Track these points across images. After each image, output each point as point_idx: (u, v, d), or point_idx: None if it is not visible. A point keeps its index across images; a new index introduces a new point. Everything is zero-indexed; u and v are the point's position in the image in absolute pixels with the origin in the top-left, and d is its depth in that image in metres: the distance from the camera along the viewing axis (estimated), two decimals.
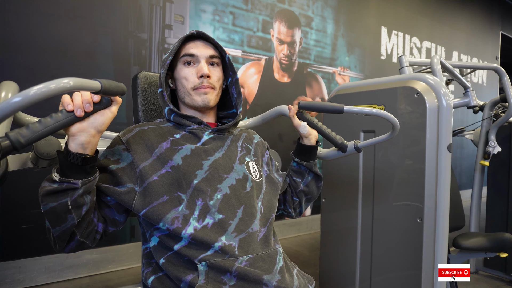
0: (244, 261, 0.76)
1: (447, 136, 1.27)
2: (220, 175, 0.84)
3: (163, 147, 0.83)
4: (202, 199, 0.80)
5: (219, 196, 0.81)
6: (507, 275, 2.20)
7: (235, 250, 0.77)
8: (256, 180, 0.91)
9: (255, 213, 0.85)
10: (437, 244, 1.28)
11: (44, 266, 1.98)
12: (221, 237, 0.77)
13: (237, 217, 0.81)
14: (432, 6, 4.54)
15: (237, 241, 0.78)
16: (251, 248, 0.79)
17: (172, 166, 0.81)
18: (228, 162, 0.88)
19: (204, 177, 0.82)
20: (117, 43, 2.20)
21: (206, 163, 0.84)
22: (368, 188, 1.49)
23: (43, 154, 1.08)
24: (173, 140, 0.86)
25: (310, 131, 1.05)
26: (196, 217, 0.78)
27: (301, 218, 3.20)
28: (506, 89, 1.97)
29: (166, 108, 0.91)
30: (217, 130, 0.92)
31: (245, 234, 0.80)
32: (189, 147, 0.85)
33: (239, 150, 0.94)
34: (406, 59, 1.84)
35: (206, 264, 0.74)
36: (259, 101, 2.89)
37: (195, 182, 0.80)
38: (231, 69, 1.00)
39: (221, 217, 0.79)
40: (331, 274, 1.67)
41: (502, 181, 2.25)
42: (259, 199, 0.89)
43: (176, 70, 0.94)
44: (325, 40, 3.35)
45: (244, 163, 0.91)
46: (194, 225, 0.77)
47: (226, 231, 0.78)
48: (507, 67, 2.60)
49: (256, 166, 0.95)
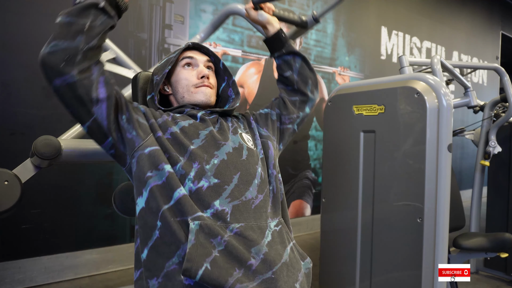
0: (235, 228, 0.77)
1: (447, 136, 1.27)
2: (218, 142, 0.88)
3: (164, 118, 0.89)
4: (198, 162, 0.82)
5: (216, 161, 0.84)
6: (507, 275, 2.20)
7: (227, 216, 0.78)
8: (252, 148, 0.93)
9: (251, 180, 0.86)
10: (437, 244, 1.27)
11: (44, 266, 1.98)
12: (214, 202, 0.79)
13: (233, 183, 0.82)
14: (432, 6, 4.53)
15: (230, 207, 0.79)
16: (242, 217, 0.80)
17: (171, 133, 0.86)
18: (223, 133, 0.91)
19: (201, 145, 0.86)
20: (117, 43, 2.19)
21: (203, 133, 0.88)
22: (368, 188, 1.49)
23: (43, 154, 1.08)
24: (173, 116, 0.92)
25: (268, 17, 1.07)
26: (191, 178, 0.80)
27: (301, 218, 3.20)
28: (507, 89, 1.97)
29: (158, 110, 0.96)
30: (210, 112, 0.97)
31: (238, 202, 0.81)
32: (187, 121, 0.90)
33: (230, 125, 0.97)
34: (406, 59, 1.84)
35: (198, 223, 0.74)
36: (259, 101, 2.88)
37: (191, 147, 0.84)
38: (227, 73, 1.06)
39: (217, 181, 0.81)
40: (331, 274, 1.67)
41: (502, 181, 2.25)
42: (258, 165, 0.90)
43: (175, 74, 0.99)
44: (325, 40, 3.34)
45: (237, 133, 0.94)
46: (189, 186, 0.79)
47: (221, 195, 0.80)
48: (507, 67, 2.60)
49: (249, 136, 0.97)
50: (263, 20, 1.06)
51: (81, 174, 2.10)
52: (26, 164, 1.08)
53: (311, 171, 3.30)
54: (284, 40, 1.07)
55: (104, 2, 0.75)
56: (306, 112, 1.10)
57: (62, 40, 0.71)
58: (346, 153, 1.58)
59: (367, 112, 1.49)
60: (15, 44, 1.89)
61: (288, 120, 1.07)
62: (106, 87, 0.78)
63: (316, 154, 3.33)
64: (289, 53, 1.07)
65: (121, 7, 0.80)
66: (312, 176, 3.31)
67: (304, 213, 3.24)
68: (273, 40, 1.07)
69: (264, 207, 0.85)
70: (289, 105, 1.07)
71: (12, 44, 1.88)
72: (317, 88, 1.11)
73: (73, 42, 0.71)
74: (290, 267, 0.80)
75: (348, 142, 1.56)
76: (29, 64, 1.92)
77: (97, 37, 0.75)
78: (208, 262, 0.71)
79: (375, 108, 1.46)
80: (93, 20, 0.74)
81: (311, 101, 1.10)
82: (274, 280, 0.75)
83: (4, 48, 1.87)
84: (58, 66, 0.71)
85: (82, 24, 0.73)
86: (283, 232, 0.86)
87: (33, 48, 1.93)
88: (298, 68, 1.07)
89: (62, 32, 0.72)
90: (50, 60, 0.71)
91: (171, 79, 1.00)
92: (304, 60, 1.08)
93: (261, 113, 1.08)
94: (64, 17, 0.73)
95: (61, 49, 0.71)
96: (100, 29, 0.76)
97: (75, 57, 0.72)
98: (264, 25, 1.07)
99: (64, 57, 0.71)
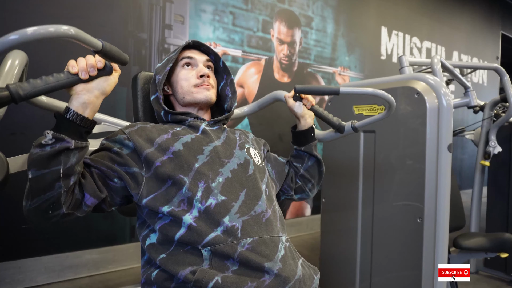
0: (246, 244, 0.76)
1: (447, 136, 1.27)
2: (221, 160, 0.86)
3: (164, 138, 0.86)
4: (204, 181, 0.81)
5: (220, 179, 0.83)
6: (507, 275, 2.19)
7: (238, 232, 0.77)
8: (258, 164, 0.93)
9: (260, 194, 0.85)
10: (437, 244, 1.27)
11: (44, 266, 1.98)
12: (224, 219, 0.78)
13: (240, 200, 0.82)
14: (432, 6, 4.53)
15: (240, 222, 0.78)
16: (254, 231, 0.79)
17: (173, 152, 0.83)
18: (228, 149, 0.90)
19: (205, 161, 0.84)
20: (117, 43, 2.20)
21: (207, 149, 0.87)
22: (368, 188, 1.49)
23: None
24: (173, 131, 0.89)
25: (305, 110, 1.06)
26: (199, 199, 0.79)
27: (301, 218, 3.20)
28: (507, 89, 1.96)
29: (162, 111, 0.95)
30: (213, 123, 0.96)
31: (248, 217, 0.80)
32: (190, 136, 0.88)
33: (238, 139, 0.97)
34: (406, 59, 1.84)
35: (209, 249, 0.75)
36: None
37: (196, 166, 0.82)
38: (226, 71, 1.06)
39: (224, 199, 0.80)
40: (331, 274, 1.67)
41: (502, 181, 2.25)
42: (263, 182, 0.90)
43: (175, 74, 0.99)
44: (325, 40, 3.34)
45: (244, 149, 0.94)
46: (198, 207, 0.78)
47: (229, 211, 0.79)
48: (507, 67, 2.60)
49: (257, 152, 0.97)
50: (299, 112, 1.05)
51: None
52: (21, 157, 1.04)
53: None
54: (310, 139, 1.07)
55: (73, 141, 0.68)
56: (294, 198, 1.12)
57: (42, 193, 0.67)
58: (346, 153, 1.58)
59: (367, 112, 1.49)
60: None
61: (289, 187, 1.09)
62: (91, 195, 0.75)
63: None
64: (307, 152, 1.08)
65: (89, 131, 0.73)
66: None
67: (304, 213, 3.24)
68: (300, 135, 1.07)
69: (274, 221, 0.85)
70: (290, 182, 1.09)
71: None
72: (317, 188, 1.13)
73: (53, 190, 0.68)
74: (302, 284, 0.79)
75: (348, 142, 1.56)
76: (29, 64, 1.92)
77: (74, 174, 0.70)
78: (219, 276, 0.72)
79: (375, 108, 1.46)
80: (66, 162, 0.68)
81: (305, 196, 1.13)
82: None
83: None
84: (47, 214, 0.70)
85: (56, 172, 0.67)
86: (292, 249, 0.86)
87: (33, 48, 1.93)
88: (308, 166, 1.09)
89: (39, 186, 0.67)
90: (37, 213, 0.70)
91: (171, 79, 1.00)
92: (317, 162, 1.09)
93: (277, 158, 1.09)
94: (35, 172, 0.66)
95: (44, 201, 0.68)
96: (75, 165, 0.70)
97: (60, 200, 0.69)
98: (298, 117, 1.07)
99: (50, 206, 0.69)
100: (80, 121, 0.69)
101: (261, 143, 1.08)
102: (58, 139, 0.67)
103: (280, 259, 0.78)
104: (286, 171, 1.07)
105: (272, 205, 0.88)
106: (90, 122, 0.72)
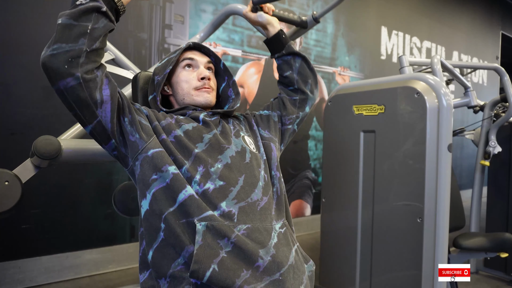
0: (242, 229, 0.77)
1: (447, 136, 1.27)
2: (221, 146, 0.88)
3: (168, 121, 0.89)
4: (203, 165, 0.83)
5: (219, 165, 0.84)
6: (507, 275, 2.19)
7: (234, 217, 0.78)
8: (254, 151, 0.94)
9: (256, 182, 0.86)
10: (437, 244, 1.27)
11: (44, 266, 1.98)
12: (221, 203, 0.79)
13: (239, 185, 0.83)
14: (432, 6, 4.53)
15: (236, 209, 0.80)
16: (249, 218, 0.80)
17: (175, 136, 0.86)
18: (226, 137, 0.92)
19: (205, 149, 0.86)
20: (117, 43, 2.20)
21: (207, 137, 0.89)
22: (368, 188, 1.49)
23: (43, 154, 1.08)
24: (177, 118, 0.92)
25: (268, 17, 1.08)
26: (197, 181, 0.80)
27: (301, 218, 3.20)
28: (507, 89, 1.97)
29: (160, 112, 0.96)
30: (212, 114, 0.97)
31: (244, 203, 0.81)
32: (191, 124, 0.90)
33: (232, 128, 0.97)
34: (406, 59, 1.84)
35: (205, 224, 0.74)
36: (259, 101, 2.88)
37: (196, 151, 0.84)
38: (227, 73, 1.06)
39: (222, 184, 0.81)
40: (331, 274, 1.67)
41: (502, 181, 2.25)
42: (261, 168, 0.91)
43: (175, 75, 0.99)
44: (325, 40, 3.34)
45: (240, 137, 0.94)
46: (195, 188, 0.79)
47: (227, 197, 0.80)
48: (507, 67, 2.60)
49: (251, 139, 0.98)
50: (263, 21, 1.07)
51: (81, 174, 2.10)
52: (26, 164, 1.08)
53: (311, 171, 3.30)
54: (284, 41, 1.08)
55: (105, 7, 0.76)
56: (306, 112, 1.10)
57: (65, 42, 0.71)
58: (346, 153, 1.58)
59: (367, 112, 1.49)
60: (15, 44, 1.89)
61: (288, 120, 1.07)
62: (110, 89, 0.78)
63: (316, 154, 3.33)
64: (289, 54, 1.08)
65: (119, 11, 0.82)
66: (312, 176, 3.31)
67: (304, 213, 3.24)
68: (274, 41, 1.08)
69: (269, 209, 0.86)
70: (289, 106, 1.08)
71: (12, 44, 1.88)
72: (317, 87, 1.12)
73: (76, 44, 0.71)
74: (296, 270, 0.80)
75: (348, 142, 1.56)
76: (29, 64, 1.92)
77: (99, 40, 0.76)
78: (215, 264, 0.72)
79: (375, 108, 1.46)
80: (95, 23, 0.75)
81: (311, 100, 1.11)
82: (282, 281, 0.75)
83: (4, 48, 1.87)
84: (62, 68, 0.71)
85: (84, 27, 0.73)
86: (288, 234, 0.87)
87: (33, 48, 1.94)
88: (298, 68, 1.07)
89: (64, 35, 0.71)
90: (53, 62, 0.71)
91: (171, 80, 1.00)
92: (304, 60, 1.09)
93: (262, 115, 1.08)
94: (65, 19, 0.72)
95: (64, 51, 0.71)
96: (101, 32, 0.76)
97: (78, 59, 0.72)
98: (264, 25, 1.08)
99: (67, 59, 0.71)
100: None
101: (251, 120, 1.06)
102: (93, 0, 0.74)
103: (274, 246, 0.79)
104: (276, 119, 1.06)
105: (268, 192, 0.88)
106: (122, 5, 0.81)
